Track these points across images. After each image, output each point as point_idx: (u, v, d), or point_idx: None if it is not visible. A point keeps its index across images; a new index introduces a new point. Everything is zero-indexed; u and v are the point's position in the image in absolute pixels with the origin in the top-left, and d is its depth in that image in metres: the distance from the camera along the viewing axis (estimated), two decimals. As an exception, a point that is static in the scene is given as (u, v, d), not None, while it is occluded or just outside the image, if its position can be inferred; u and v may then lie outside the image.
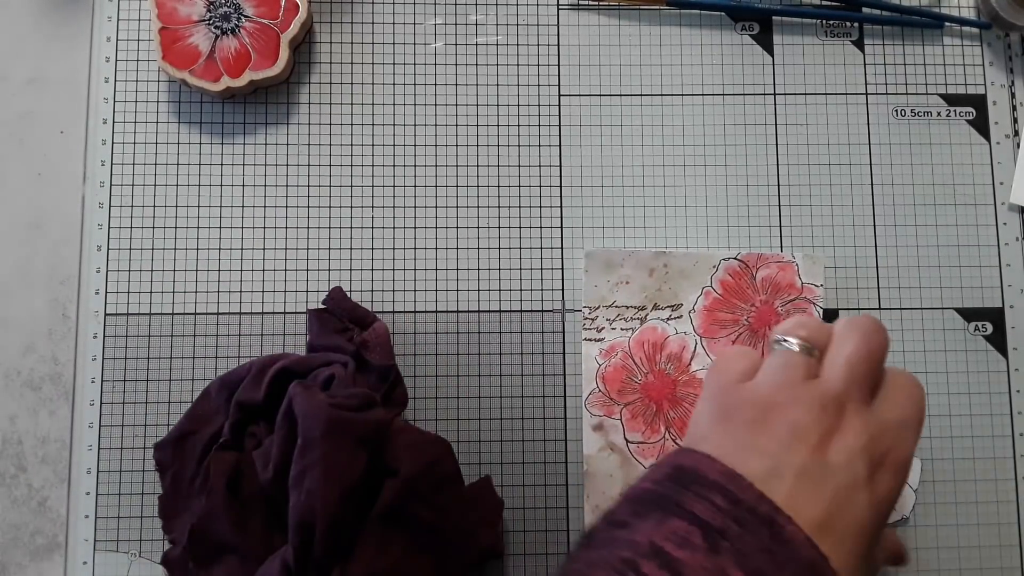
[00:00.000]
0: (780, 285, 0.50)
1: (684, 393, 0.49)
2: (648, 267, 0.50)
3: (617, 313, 0.50)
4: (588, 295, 0.50)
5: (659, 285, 0.50)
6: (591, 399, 0.49)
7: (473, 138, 0.53)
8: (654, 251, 0.50)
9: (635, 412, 0.49)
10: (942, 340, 0.51)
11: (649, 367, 0.50)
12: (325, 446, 0.42)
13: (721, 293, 0.50)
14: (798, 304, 0.50)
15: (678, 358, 0.50)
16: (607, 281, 0.50)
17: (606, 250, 0.51)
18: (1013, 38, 0.54)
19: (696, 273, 0.50)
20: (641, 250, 0.51)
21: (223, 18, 0.51)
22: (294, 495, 0.42)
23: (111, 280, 0.51)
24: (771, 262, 0.50)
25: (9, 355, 0.50)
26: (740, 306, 0.50)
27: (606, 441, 0.49)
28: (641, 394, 0.49)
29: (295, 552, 0.42)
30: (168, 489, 0.48)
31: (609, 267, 0.50)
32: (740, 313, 0.50)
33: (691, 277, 0.50)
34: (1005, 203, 0.53)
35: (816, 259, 0.50)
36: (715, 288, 0.50)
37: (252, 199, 0.52)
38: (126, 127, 0.52)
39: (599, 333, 0.50)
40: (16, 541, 0.49)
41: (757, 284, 0.50)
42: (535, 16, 0.54)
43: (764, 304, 0.50)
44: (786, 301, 0.50)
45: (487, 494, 0.47)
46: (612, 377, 0.50)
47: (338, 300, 0.50)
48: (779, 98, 0.53)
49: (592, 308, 0.50)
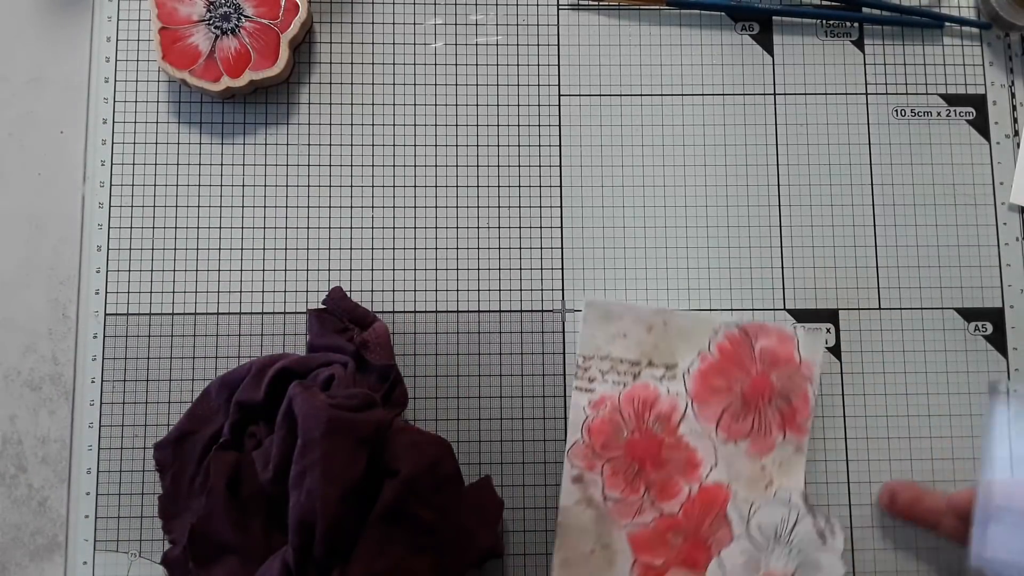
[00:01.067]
0: (778, 358, 0.49)
1: (669, 456, 0.48)
2: (647, 323, 0.50)
3: (611, 365, 0.49)
4: (584, 344, 0.50)
5: (656, 342, 0.50)
6: (574, 450, 0.49)
7: (473, 138, 0.53)
8: (655, 308, 0.50)
9: (616, 469, 0.48)
10: (942, 340, 0.51)
11: (636, 424, 0.49)
12: (325, 446, 0.42)
13: (718, 358, 0.49)
14: (794, 380, 0.49)
15: (667, 419, 0.49)
16: (604, 332, 0.50)
17: (606, 302, 0.50)
18: (1013, 38, 0.54)
19: (695, 335, 0.50)
20: (642, 305, 0.50)
21: (223, 18, 0.51)
22: (294, 495, 0.42)
23: (111, 280, 0.51)
24: (771, 333, 0.50)
25: (9, 355, 0.50)
26: (736, 374, 0.49)
27: (584, 495, 0.48)
28: (625, 451, 0.49)
29: (295, 552, 0.42)
30: (168, 489, 0.48)
31: (608, 319, 0.50)
32: (735, 382, 0.49)
33: (689, 339, 0.50)
34: (1005, 203, 0.53)
35: (817, 335, 0.50)
36: (712, 352, 0.50)
37: (252, 199, 0.52)
38: (126, 127, 0.52)
39: (590, 383, 0.49)
40: (16, 541, 0.49)
41: (755, 354, 0.49)
42: (535, 16, 0.54)
43: (760, 375, 0.49)
44: (783, 375, 0.49)
45: (487, 494, 0.47)
46: (598, 430, 0.49)
47: (338, 300, 0.50)
48: (779, 98, 0.53)
49: (586, 357, 0.50)
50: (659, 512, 0.48)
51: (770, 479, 0.48)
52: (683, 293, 0.51)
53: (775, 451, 0.48)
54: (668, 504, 0.48)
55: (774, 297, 0.51)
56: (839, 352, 0.51)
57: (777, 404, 0.49)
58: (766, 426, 0.48)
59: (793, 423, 0.49)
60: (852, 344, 0.51)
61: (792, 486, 0.48)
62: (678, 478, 0.48)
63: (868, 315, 0.51)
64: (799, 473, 0.48)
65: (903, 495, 0.48)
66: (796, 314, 0.51)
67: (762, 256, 0.52)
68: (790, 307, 0.51)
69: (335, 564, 0.42)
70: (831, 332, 0.51)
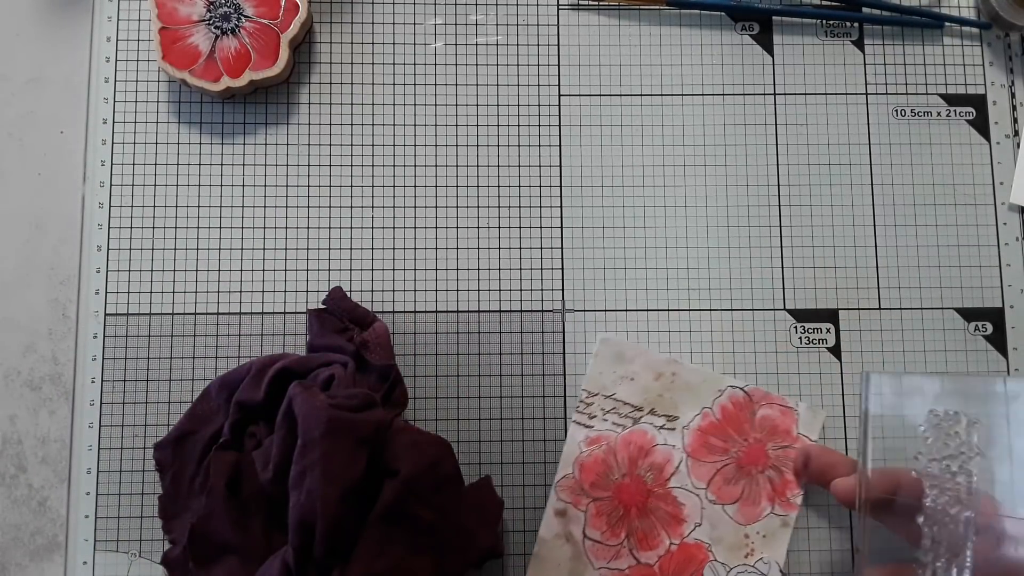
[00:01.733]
0: (777, 429, 0.49)
1: (655, 506, 0.48)
2: (656, 371, 0.50)
3: (613, 406, 0.49)
4: (591, 380, 0.50)
5: (662, 391, 0.50)
6: (562, 483, 0.49)
7: (473, 138, 0.53)
8: (667, 358, 0.50)
9: (601, 510, 0.48)
10: (942, 340, 0.51)
11: (629, 469, 0.49)
12: (325, 447, 0.42)
13: (719, 418, 0.49)
14: (787, 453, 0.49)
15: (660, 469, 0.49)
16: (613, 372, 0.50)
17: (621, 342, 0.50)
18: (1013, 38, 0.54)
19: (701, 391, 0.50)
20: (653, 353, 0.50)
21: (223, 18, 0.51)
22: (294, 495, 0.42)
23: (111, 280, 0.51)
24: (775, 403, 0.50)
25: (9, 355, 0.50)
26: (734, 437, 0.49)
27: (564, 530, 0.48)
28: (613, 493, 0.48)
29: (295, 552, 0.42)
30: (168, 489, 0.48)
31: (619, 360, 0.50)
32: (732, 444, 0.49)
33: (696, 394, 0.50)
34: (1005, 203, 0.53)
35: (817, 413, 0.50)
36: (715, 412, 0.49)
37: (252, 199, 0.52)
38: (126, 127, 0.52)
39: (590, 420, 0.49)
40: (16, 541, 0.49)
41: (756, 421, 0.49)
42: (535, 16, 0.54)
43: (756, 442, 0.49)
44: (778, 447, 0.49)
45: (487, 494, 0.47)
46: (590, 467, 0.49)
47: (338, 300, 0.50)
48: (779, 98, 0.53)
49: (591, 393, 0.50)
50: (636, 561, 0.47)
51: (751, 549, 0.48)
52: (683, 293, 0.51)
53: (761, 522, 0.48)
54: (646, 554, 0.48)
55: (774, 297, 0.51)
56: (839, 352, 0.51)
57: (769, 475, 0.49)
58: (756, 495, 0.48)
59: (783, 497, 0.48)
60: (852, 344, 0.51)
61: (773, 557, 0.48)
62: (660, 530, 0.48)
63: (868, 315, 0.51)
64: (782, 546, 0.48)
65: (817, 461, 0.47)
66: (796, 314, 0.51)
67: (762, 256, 0.52)
68: (790, 307, 0.51)
69: (335, 564, 0.42)
70: (831, 332, 0.51)
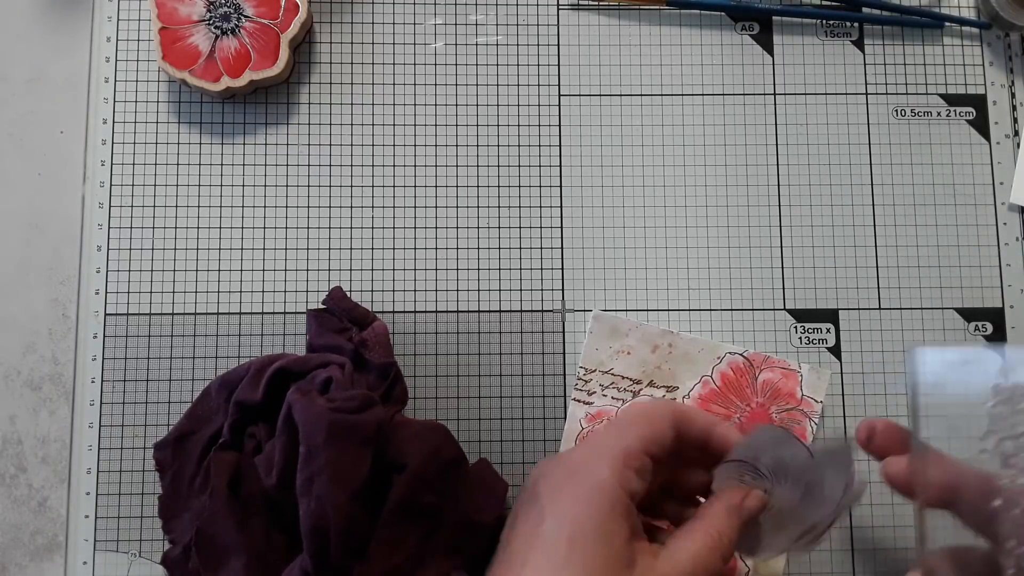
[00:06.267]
0: (780, 392, 0.49)
1: None
2: (653, 343, 0.50)
3: (612, 381, 0.49)
4: (587, 357, 0.50)
5: (660, 363, 0.49)
6: None
7: (473, 138, 0.53)
8: (662, 330, 0.50)
9: None
10: (942, 340, 0.51)
11: None
12: (329, 451, 0.42)
13: (720, 386, 0.49)
14: (792, 415, 0.49)
15: None
16: (609, 347, 0.50)
17: (615, 317, 0.50)
18: (1013, 38, 0.54)
19: (699, 360, 0.49)
20: (650, 325, 0.50)
21: (223, 18, 0.51)
22: (304, 503, 0.42)
23: (111, 280, 0.51)
24: (776, 367, 0.49)
25: (9, 355, 0.50)
26: (735, 403, 0.49)
27: None
28: None
29: (312, 560, 0.42)
30: (168, 489, 0.48)
31: (614, 334, 0.50)
32: (734, 410, 0.49)
33: (693, 363, 0.49)
34: (1005, 203, 0.53)
35: (822, 374, 0.49)
36: (714, 379, 0.49)
37: (252, 199, 0.52)
38: (126, 127, 0.52)
39: (589, 396, 0.49)
40: (16, 541, 0.49)
41: (757, 385, 0.49)
42: (535, 16, 0.54)
43: (759, 407, 0.49)
44: (782, 409, 0.49)
45: (488, 473, 0.47)
46: None
47: (337, 300, 0.50)
48: (779, 98, 0.53)
49: (588, 370, 0.50)
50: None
51: None
52: (683, 293, 0.51)
53: None
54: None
55: (774, 297, 0.51)
56: (839, 352, 0.51)
57: None
58: None
59: None
60: (852, 344, 0.51)
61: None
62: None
63: (868, 315, 0.51)
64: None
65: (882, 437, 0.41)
66: (796, 314, 0.51)
67: (762, 256, 0.52)
68: (790, 307, 0.51)
69: (353, 564, 0.42)
70: (831, 332, 0.51)
